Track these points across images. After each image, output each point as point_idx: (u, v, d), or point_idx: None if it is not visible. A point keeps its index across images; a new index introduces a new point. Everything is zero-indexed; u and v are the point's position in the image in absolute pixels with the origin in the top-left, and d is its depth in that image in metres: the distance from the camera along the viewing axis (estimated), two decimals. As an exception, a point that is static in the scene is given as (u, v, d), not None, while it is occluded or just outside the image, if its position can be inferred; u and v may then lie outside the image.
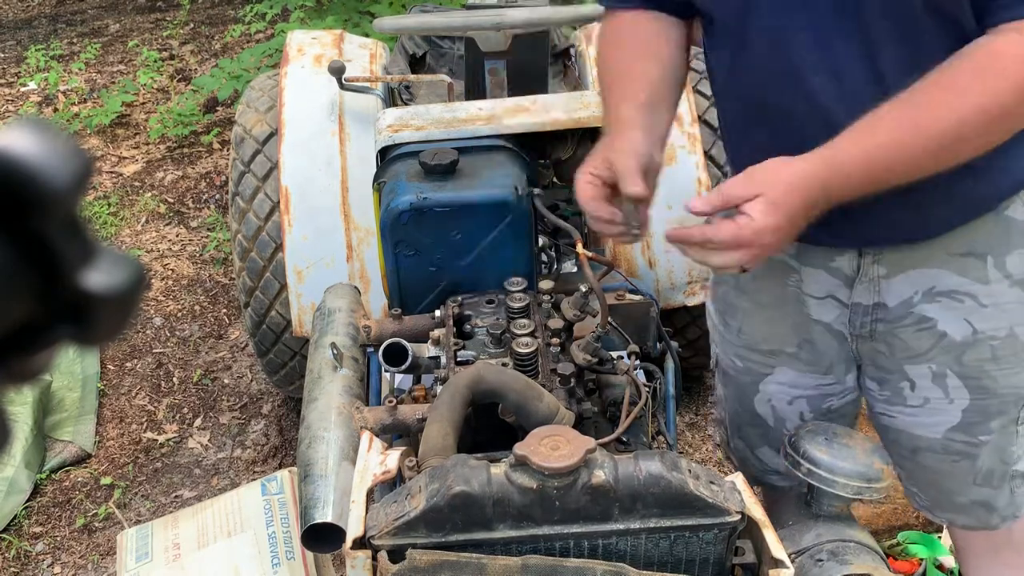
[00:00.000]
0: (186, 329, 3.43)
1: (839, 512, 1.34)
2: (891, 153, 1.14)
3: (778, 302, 1.51)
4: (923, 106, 1.14)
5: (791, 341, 1.53)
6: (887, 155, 1.14)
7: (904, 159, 1.15)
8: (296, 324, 2.36)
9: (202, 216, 4.11)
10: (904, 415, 1.48)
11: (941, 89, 1.14)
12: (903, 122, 1.14)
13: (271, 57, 4.47)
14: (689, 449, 2.74)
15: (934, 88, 1.14)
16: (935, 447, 1.47)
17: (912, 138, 1.13)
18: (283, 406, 3.00)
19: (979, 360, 1.39)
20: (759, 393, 1.62)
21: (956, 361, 1.40)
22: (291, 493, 1.69)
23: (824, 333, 1.49)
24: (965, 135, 1.14)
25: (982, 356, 1.39)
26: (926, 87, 1.14)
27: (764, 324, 1.56)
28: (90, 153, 0.37)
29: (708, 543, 1.06)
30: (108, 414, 3.04)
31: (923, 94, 1.14)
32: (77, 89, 5.44)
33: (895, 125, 1.14)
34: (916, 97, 1.14)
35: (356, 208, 2.32)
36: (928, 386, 1.43)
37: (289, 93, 2.45)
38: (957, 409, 1.43)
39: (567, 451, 1.02)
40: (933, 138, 1.13)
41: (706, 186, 2.36)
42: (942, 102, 1.13)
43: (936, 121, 1.13)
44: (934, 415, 1.45)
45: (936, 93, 1.14)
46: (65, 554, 2.56)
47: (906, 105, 1.14)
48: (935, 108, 1.13)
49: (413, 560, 1.00)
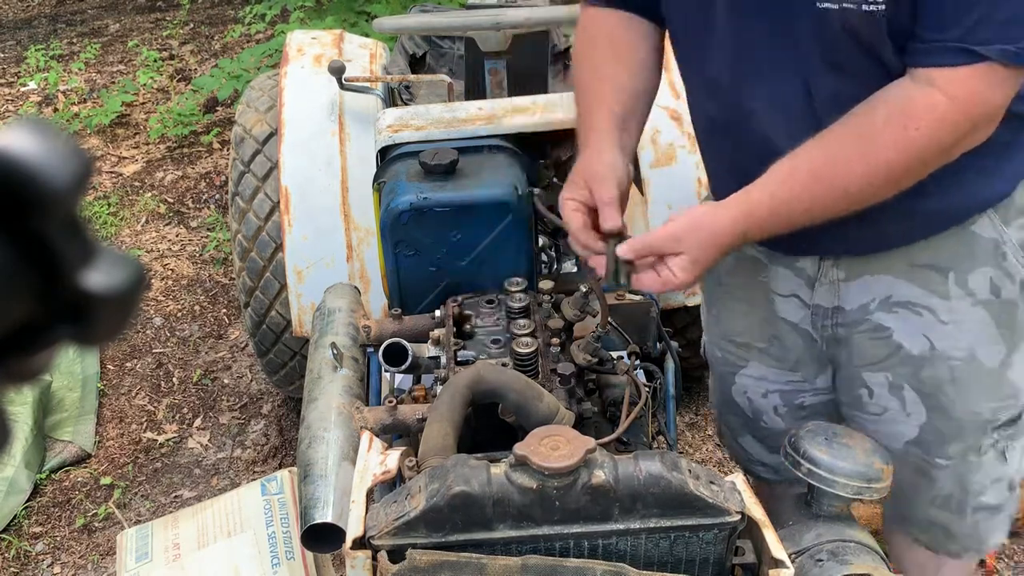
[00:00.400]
0: (186, 329, 3.43)
1: (839, 512, 1.34)
2: (804, 203, 1.19)
3: (749, 297, 1.54)
4: (836, 156, 1.17)
5: (761, 336, 1.55)
6: (801, 204, 1.19)
7: (818, 207, 1.20)
8: (296, 324, 2.36)
9: (202, 216, 4.11)
10: (865, 421, 1.48)
11: (855, 137, 1.16)
12: (816, 172, 1.17)
13: (271, 57, 4.47)
14: (689, 449, 2.74)
15: (848, 136, 1.16)
16: (896, 456, 1.44)
17: (825, 189, 1.18)
18: (283, 406, 3.00)
19: (937, 379, 1.37)
20: (735, 384, 1.65)
21: (913, 376, 1.39)
22: (291, 493, 1.69)
23: (791, 332, 1.50)
24: (875, 184, 1.17)
25: (940, 375, 1.37)
26: (841, 133, 1.17)
27: (738, 317, 1.58)
28: (90, 153, 0.37)
29: (708, 543, 1.06)
30: (108, 414, 3.04)
31: (837, 142, 1.17)
32: (77, 89, 5.44)
33: (808, 175, 1.18)
34: (831, 144, 1.17)
35: (356, 208, 2.32)
36: (885, 395, 1.43)
37: (289, 93, 2.45)
38: (915, 424, 1.42)
39: (567, 451, 1.02)
40: (844, 188, 1.17)
41: (705, 186, 2.35)
42: (854, 152, 1.16)
43: (847, 173, 1.16)
44: (893, 425, 1.44)
45: (849, 142, 1.16)
46: (65, 554, 2.56)
47: (820, 153, 1.17)
48: (847, 159, 1.16)
49: (413, 560, 1.00)
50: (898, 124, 1.13)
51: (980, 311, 1.33)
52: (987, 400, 1.38)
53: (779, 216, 1.20)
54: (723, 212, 1.21)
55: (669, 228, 1.23)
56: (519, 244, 1.64)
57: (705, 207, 1.25)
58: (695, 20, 1.31)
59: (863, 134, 1.15)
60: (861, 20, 1.13)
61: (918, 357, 1.37)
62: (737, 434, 1.72)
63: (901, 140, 1.13)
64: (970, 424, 1.40)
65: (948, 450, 1.42)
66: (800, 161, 1.18)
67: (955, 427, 1.40)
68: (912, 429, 1.43)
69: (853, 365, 1.45)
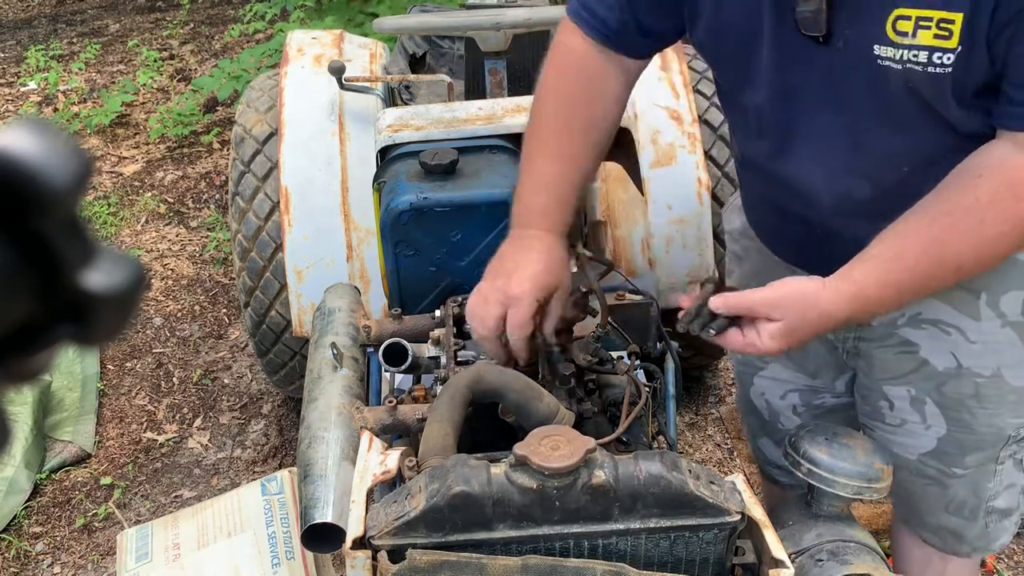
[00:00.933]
0: (186, 329, 3.43)
1: (839, 512, 1.34)
2: (915, 284, 1.15)
3: None
4: (945, 236, 1.12)
5: None
6: (912, 286, 1.15)
7: (927, 287, 1.17)
8: (296, 324, 2.35)
9: (202, 216, 4.11)
10: (882, 431, 1.48)
11: (962, 213, 1.11)
12: (926, 253, 1.13)
13: (271, 57, 4.47)
14: (689, 449, 2.74)
15: (954, 213, 1.12)
16: (909, 467, 1.46)
17: (935, 269, 1.14)
18: (283, 406, 3.00)
19: (960, 394, 1.36)
20: (753, 385, 1.65)
21: (936, 389, 1.38)
22: (291, 493, 1.69)
23: (814, 338, 1.49)
24: (988, 257, 1.15)
25: (964, 391, 1.36)
26: (946, 210, 1.12)
27: None
28: (90, 153, 0.37)
29: (708, 543, 1.06)
30: (108, 414, 3.04)
31: (944, 220, 1.12)
32: (77, 89, 5.44)
33: (918, 257, 1.13)
34: (936, 223, 1.12)
35: (356, 208, 2.32)
36: (906, 408, 1.42)
37: (289, 93, 2.45)
38: (933, 436, 1.41)
39: (567, 451, 1.02)
40: (956, 266, 1.14)
41: (706, 186, 2.36)
42: (963, 230, 1.11)
43: (958, 253, 1.12)
44: (910, 437, 1.44)
45: (957, 219, 1.11)
46: (65, 554, 2.56)
47: (927, 233, 1.13)
48: (956, 238, 1.12)
49: (413, 560, 1.00)
50: (1007, 196, 1.09)
51: (1009, 332, 1.31)
52: (1011, 416, 1.37)
53: (887, 299, 1.17)
54: (830, 293, 1.15)
55: (769, 294, 1.17)
56: (519, 244, 1.64)
57: (810, 281, 1.18)
58: (738, 64, 1.27)
59: (970, 209, 1.10)
60: (924, 80, 1.09)
61: (943, 373, 1.36)
62: (756, 435, 1.73)
63: (1012, 212, 1.10)
64: (991, 438, 1.39)
65: (966, 460, 1.41)
66: (908, 242, 1.13)
67: (975, 440, 1.39)
68: (930, 441, 1.42)
69: (874, 378, 1.43)
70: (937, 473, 1.44)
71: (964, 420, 1.38)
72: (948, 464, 1.43)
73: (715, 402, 2.93)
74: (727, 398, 2.93)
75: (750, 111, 1.29)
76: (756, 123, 1.30)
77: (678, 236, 2.33)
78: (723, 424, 2.83)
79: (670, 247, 2.33)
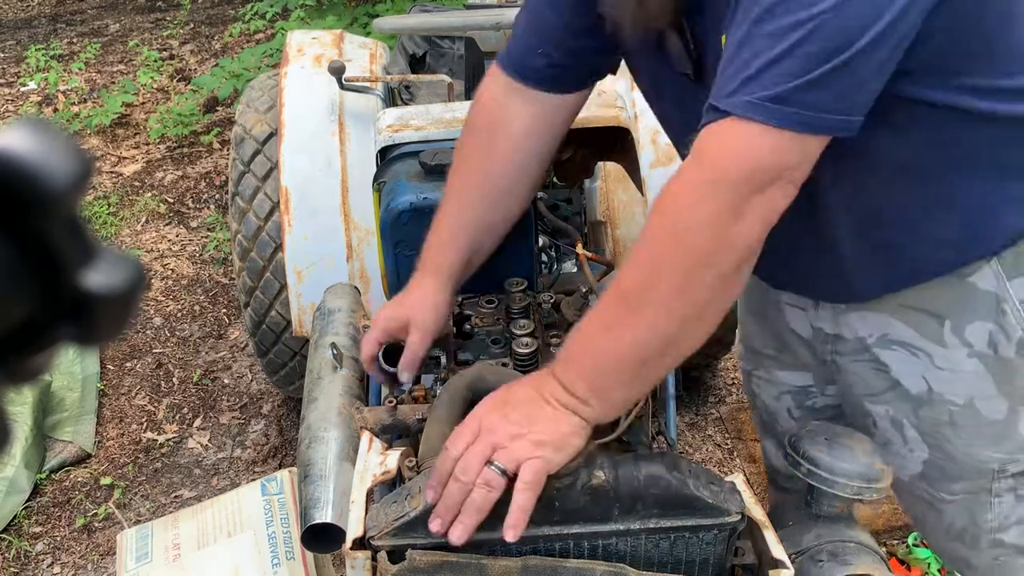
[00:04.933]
0: (186, 329, 3.43)
1: (839, 512, 1.34)
2: (640, 318, 1.02)
3: (761, 307, 1.53)
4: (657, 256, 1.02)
5: (771, 345, 1.55)
6: (636, 321, 1.02)
7: (663, 312, 1.01)
8: (296, 324, 2.35)
9: (202, 216, 4.11)
10: None
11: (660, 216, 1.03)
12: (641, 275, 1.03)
13: (271, 57, 4.47)
14: (689, 449, 2.74)
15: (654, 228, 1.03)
16: (905, 488, 1.42)
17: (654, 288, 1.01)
18: (283, 406, 3.00)
19: (937, 420, 1.31)
20: (751, 386, 1.65)
21: (913, 412, 1.33)
22: (291, 493, 1.69)
23: (801, 345, 1.48)
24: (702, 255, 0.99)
25: (939, 417, 1.30)
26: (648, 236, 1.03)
27: (751, 324, 1.58)
28: (90, 153, 0.37)
29: (708, 543, 1.06)
30: (108, 414, 3.04)
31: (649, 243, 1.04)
32: (77, 89, 5.44)
33: (631, 279, 1.04)
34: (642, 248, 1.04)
35: (356, 208, 2.32)
36: (888, 428, 1.37)
37: (289, 93, 2.45)
38: (918, 460, 1.37)
39: (567, 451, 1.02)
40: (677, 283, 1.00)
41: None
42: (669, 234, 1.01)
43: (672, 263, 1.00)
44: (897, 458, 1.39)
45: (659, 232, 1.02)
46: (65, 554, 2.56)
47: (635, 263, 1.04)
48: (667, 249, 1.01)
49: (413, 561, 1.00)
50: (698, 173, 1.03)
51: (977, 363, 1.24)
52: (991, 450, 1.31)
53: (610, 346, 1.04)
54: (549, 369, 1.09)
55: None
56: (519, 244, 1.64)
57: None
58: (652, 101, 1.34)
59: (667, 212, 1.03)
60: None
61: (916, 396, 1.31)
62: (761, 436, 1.73)
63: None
64: (971, 469, 1.33)
65: (953, 488, 1.36)
66: (620, 277, 1.06)
67: (957, 469, 1.34)
68: (916, 464, 1.38)
69: (855, 393, 1.40)
70: (929, 497, 1.40)
71: (944, 447, 1.33)
72: (937, 489, 1.38)
73: (715, 402, 2.93)
74: (727, 398, 2.93)
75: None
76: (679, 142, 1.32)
77: (678, 236, 2.32)
78: (723, 424, 2.83)
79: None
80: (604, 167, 2.32)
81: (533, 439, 1.00)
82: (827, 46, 0.91)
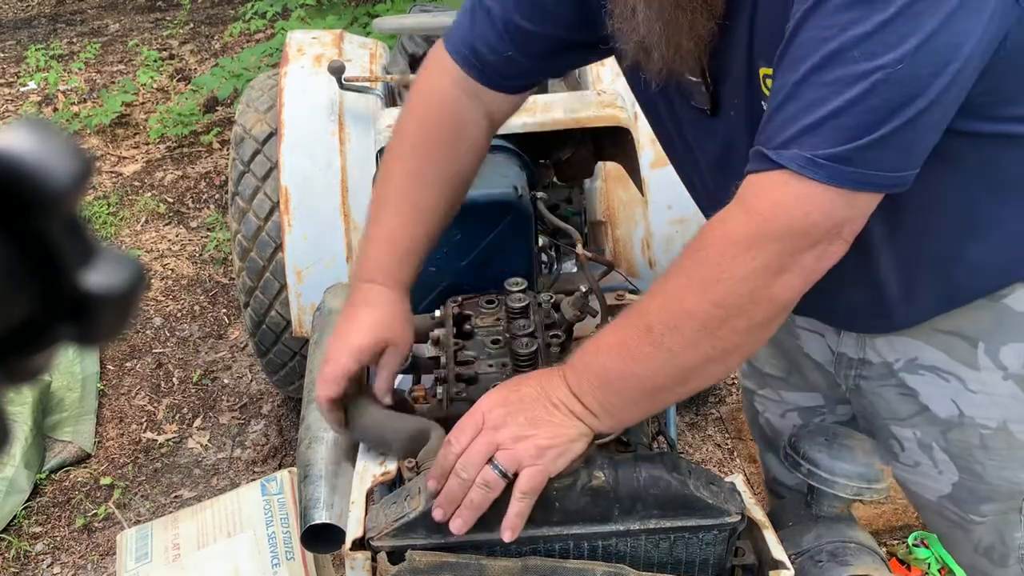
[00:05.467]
0: (186, 329, 3.43)
1: (839, 513, 1.34)
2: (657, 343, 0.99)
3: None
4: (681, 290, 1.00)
5: (780, 367, 1.53)
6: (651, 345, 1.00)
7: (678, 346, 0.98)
8: (296, 324, 2.35)
9: (202, 216, 4.11)
10: (899, 471, 1.41)
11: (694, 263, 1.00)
12: (665, 309, 1.00)
13: (271, 56, 4.47)
14: (689, 450, 2.74)
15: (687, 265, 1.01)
16: (931, 507, 1.41)
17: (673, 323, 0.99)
18: (283, 406, 3.00)
19: (967, 443, 1.29)
20: (755, 404, 1.63)
21: (942, 436, 1.31)
22: (291, 493, 1.68)
23: (814, 369, 1.46)
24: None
25: (970, 441, 1.29)
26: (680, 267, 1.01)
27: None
28: (90, 153, 0.36)
29: (708, 544, 1.06)
30: (108, 414, 3.04)
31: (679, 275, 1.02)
32: (77, 89, 5.44)
33: (655, 313, 1.01)
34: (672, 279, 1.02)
35: (356, 208, 2.32)
36: (916, 451, 1.35)
37: (289, 93, 2.45)
38: (947, 481, 1.35)
39: (567, 452, 1.02)
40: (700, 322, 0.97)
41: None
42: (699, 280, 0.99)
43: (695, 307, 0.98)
44: (926, 479, 1.37)
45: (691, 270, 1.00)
46: (65, 554, 2.56)
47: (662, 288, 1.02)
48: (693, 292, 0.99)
49: (412, 561, 1.00)
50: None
51: (1011, 385, 1.22)
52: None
53: (620, 364, 1.01)
54: (559, 370, 1.07)
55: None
56: (519, 244, 1.64)
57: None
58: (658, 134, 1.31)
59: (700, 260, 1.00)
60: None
61: (945, 420, 1.29)
62: (762, 451, 1.71)
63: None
64: (1004, 491, 1.32)
65: (982, 509, 1.35)
66: (645, 302, 1.04)
67: (988, 490, 1.33)
68: (945, 486, 1.36)
69: (881, 418, 1.38)
70: (957, 518, 1.38)
71: (974, 470, 1.31)
72: (966, 511, 1.36)
73: (715, 402, 2.92)
74: (727, 398, 2.93)
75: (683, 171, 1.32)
76: (693, 185, 1.32)
77: (678, 236, 2.32)
78: (723, 424, 2.83)
79: (670, 247, 2.33)
80: (604, 167, 2.32)
81: (537, 443, 0.99)
82: (892, 100, 0.87)
